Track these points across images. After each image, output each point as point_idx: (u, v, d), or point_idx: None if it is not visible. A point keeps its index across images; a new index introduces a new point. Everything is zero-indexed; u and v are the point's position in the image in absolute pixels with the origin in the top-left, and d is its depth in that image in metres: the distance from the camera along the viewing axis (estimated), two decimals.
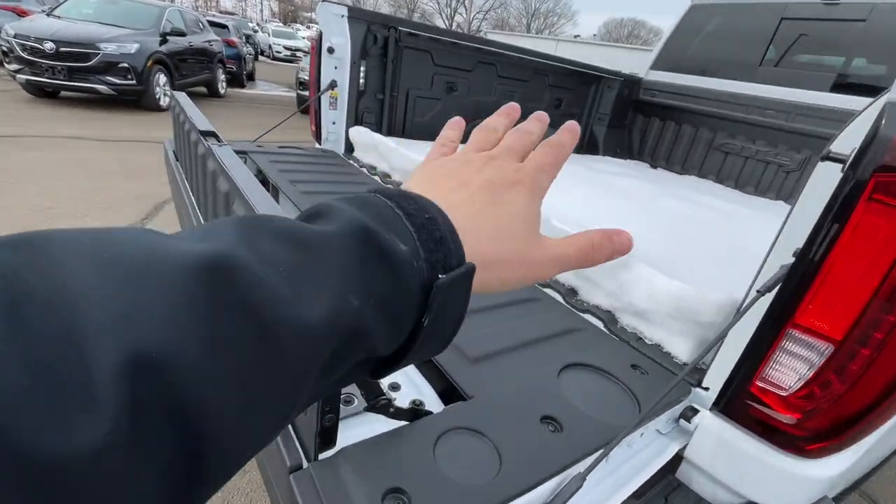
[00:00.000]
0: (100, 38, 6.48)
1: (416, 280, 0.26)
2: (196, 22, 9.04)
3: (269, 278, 0.21)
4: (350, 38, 2.15)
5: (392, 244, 0.26)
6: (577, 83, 3.13)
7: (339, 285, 0.23)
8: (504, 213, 0.32)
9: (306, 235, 0.24)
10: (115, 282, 0.17)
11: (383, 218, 0.27)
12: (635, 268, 1.10)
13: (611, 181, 2.35)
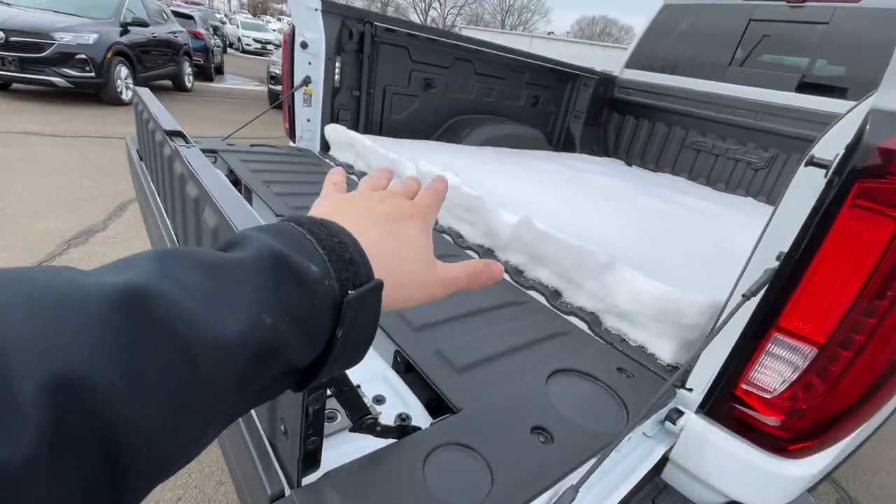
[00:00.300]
0: (54, 27, 6.12)
1: (329, 297, 0.30)
2: (159, 12, 8.65)
3: (183, 302, 0.23)
4: (324, 33, 2.08)
5: (304, 266, 0.29)
6: (553, 81, 3.14)
7: (253, 306, 0.26)
8: (404, 240, 0.38)
9: (222, 262, 0.27)
10: (35, 313, 0.19)
11: (295, 243, 0.30)
12: (618, 269, 1.11)
13: (588, 179, 2.37)
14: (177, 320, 0.22)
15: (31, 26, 5.99)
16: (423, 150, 2.19)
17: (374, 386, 0.81)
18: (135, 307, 0.21)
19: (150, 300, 0.21)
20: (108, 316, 0.20)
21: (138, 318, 0.21)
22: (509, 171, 2.12)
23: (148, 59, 7.70)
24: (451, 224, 1.55)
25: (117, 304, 0.20)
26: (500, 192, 1.75)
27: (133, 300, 0.21)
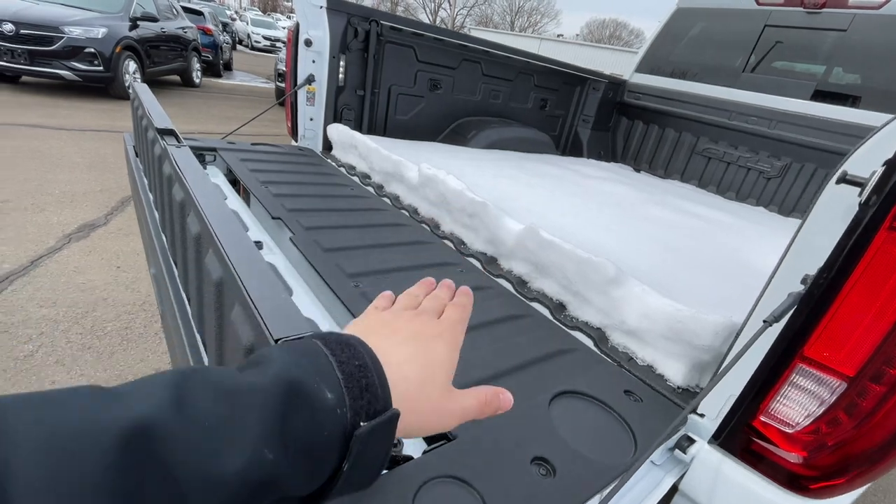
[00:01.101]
0: (64, 20, 6.13)
1: (339, 427, 0.29)
2: (169, 7, 8.67)
3: (188, 438, 0.24)
4: (329, 31, 2.04)
5: (319, 393, 0.29)
6: (562, 84, 3.08)
7: (257, 440, 0.26)
8: (429, 362, 0.38)
9: (236, 388, 0.27)
10: (48, 450, 0.20)
11: (316, 367, 0.31)
12: (627, 284, 1.05)
13: (596, 186, 2.31)
14: (176, 460, 0.23)
15: (42, 19, 6.00)
16: (427, 152, 2.14)
17: None
18: (138, 449, 0.22)
19: (153, 440, 0.23)
20: (114, 458, 0.21)
21: (140, 459, 0.22)
22: (514, 176, 2.07)
23: (156, 53, 7.71)
24: (454, 230, 1.50)
25: (123, 446, 0.21)
26: (504, 197, 1.70)
27: (137, 441, 0.22)
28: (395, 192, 1.77)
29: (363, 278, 1.08)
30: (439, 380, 0.38)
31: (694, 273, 1.38)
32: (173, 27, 8.35)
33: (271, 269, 0.52)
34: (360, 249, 1.24)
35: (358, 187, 1.79)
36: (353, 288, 1.03)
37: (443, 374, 0.38)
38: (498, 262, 1.37)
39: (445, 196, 1.49)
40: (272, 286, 0.49)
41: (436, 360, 0.38)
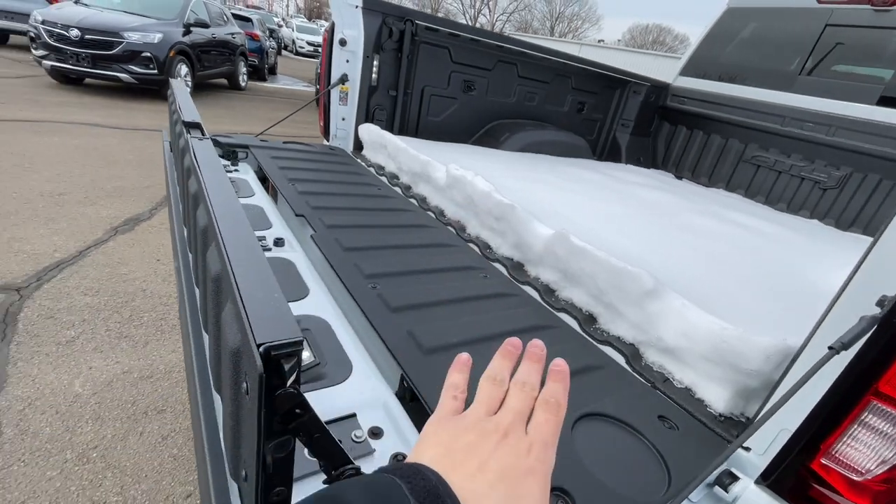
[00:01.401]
0: (124, 26, 6.52)
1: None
2: (220, 14, 9.07)
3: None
4: (363, 31, 2.04)
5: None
6: (601, 87, 2.97)
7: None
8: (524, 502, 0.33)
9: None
10: None
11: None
12: (666, 297, 0.96)
13: (634, 192, 2.20)
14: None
15: (104, 25, 6.41)
16: (458, 154, 2.10)
17: (372, 415, 0.71)
18: None
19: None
20: None
21: None
22: (547, 180, 1.99)
23: (207, 58, 8.07)
24: (480, 233, 1.45)
25: None
26: (535, 201, 1.63)
27: None
28: (422, 193, 1.73)
29: (381, 279, 1.05)
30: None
31: (741, 289, 1.26)
32: (223, 33, 8.72)
33: (270, 268, 0.48)
34: (381, 250, 1.21)
35: (385, 187, 1.77)
36: (369, 289, 1.00)
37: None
38: (525, 269, 1.30)
39: (472, 198, 1.44)
40: (267, 286, 0.45)
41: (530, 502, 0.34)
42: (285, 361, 0.37)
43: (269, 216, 1.35)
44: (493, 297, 1.10)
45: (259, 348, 0.36)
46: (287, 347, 0.38)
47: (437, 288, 1.07)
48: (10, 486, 1.42)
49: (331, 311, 0.96)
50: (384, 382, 0.80)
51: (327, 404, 0.71)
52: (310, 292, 1.01)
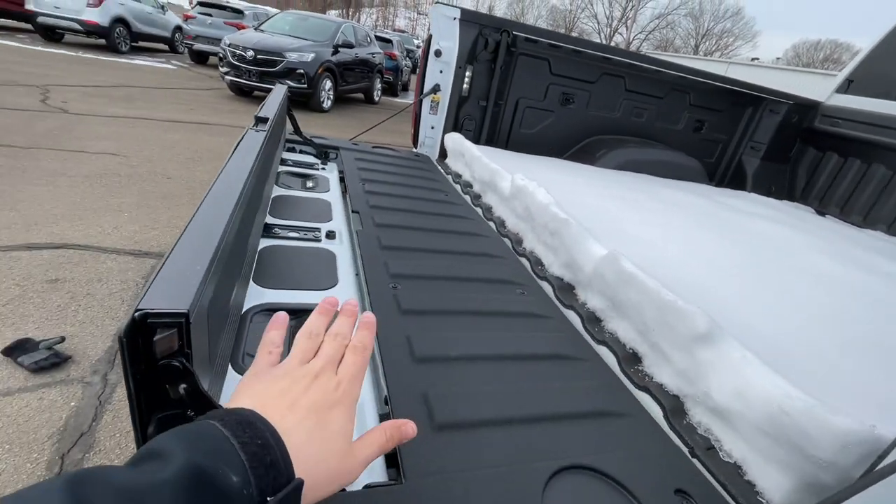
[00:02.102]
0: (286, 48, 7.65)
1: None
2: (366, 36, 10.13)
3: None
4: (459, 41, 2.08)
5: (224, 479, 0.29)
6: (727, 104, 2.59)
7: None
8: (328, 435, 0.38)
9: (138, 489, 0.26)
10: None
11: (218, 452, 0.30)
12: (722, 344, 0.78)
13: (746, 224, 1.85)
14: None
15: (272, 47, 7.59)
16: (540, 166, 2.00)
17: None
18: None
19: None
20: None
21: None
22: (635, 199, 1.78)
23: (348, 74, 9.05)
24: (535, 248, 1.35)
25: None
26: (608, 220, 1.47)
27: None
28: (489, 202, 1.68)
29: (404, 280, 1.03)
30: (338, 449, 0.38)
31: (848, 352, 0.97)
32: (364, 53, 9.70)
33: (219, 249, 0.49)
34: (419, 252, 1.19)
35: (454, 194, 1.76)
36: (389, 288, 0.99)
37: (342, 443, 0.39)
38: (574, 291, 1.17)
39: (531, 209, 1.35)
40: (198, 259, 0.46)
41: (335, 431, 0.39)
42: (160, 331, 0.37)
43: (332, 211, 1.43)
44: (522, 316, 1.01)
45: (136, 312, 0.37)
46: (164, 318, 0.37)
47: (461, 297, 1.01)
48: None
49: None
50: (370, 383, 0.77)
51: None
52: (338, 284, 1.04)
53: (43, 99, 5.38)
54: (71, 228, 2.85)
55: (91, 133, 4.57)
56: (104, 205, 3.22)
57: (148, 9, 11.01)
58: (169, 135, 5.11)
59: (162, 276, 0.42)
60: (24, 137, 4.07)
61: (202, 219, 0.55)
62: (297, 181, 1.63)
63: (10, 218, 2.81)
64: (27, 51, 8.33)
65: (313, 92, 7.90)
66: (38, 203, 3.04)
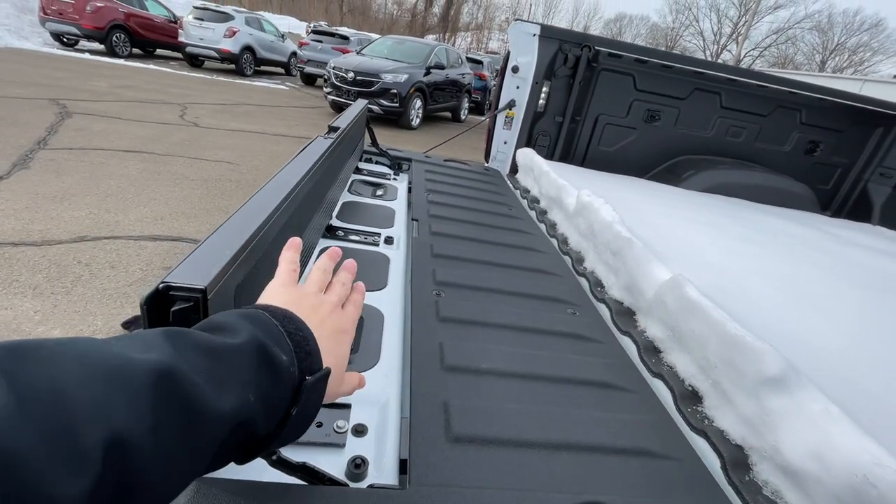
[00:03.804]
0: (382, 69, 8.19)
1: (291, 382, 0.38)
2: (457, 58, 10.49)
3: (197, 381, 0.30)
4: (537, 57, 2.06)
5: (277, 355, 0.37)
6: (848, 124, 2.25)
7: (242, 386, 0.33)
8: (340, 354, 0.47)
9: (217, 348, 0.33)
10: (93, 379, 0.25)
11: (271, 334, 0.38)
12: (799, 392, 0.66)
13: (857, 259, 1.57)
14: (193, 397, 0.29)
15: (370, 69, 8.17)
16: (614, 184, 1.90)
17: (365, 413, 0.69)
18: (167, 386, 0.27)
19: (176, 380, 0.28)
20: (149, 392, 0.26)
21: (170, 394, 0.27)
22: (718, 223, 1.61)
23: (438, 94, 9.42)
24: (596, 268, 1.27)
25: (155, 383, 0.27)
26: (680, 243, 1.34)
27: (166, 379, 0.27)
28: (553, 218, 1.63)
29: (449, 288, 1.02)
30: (341, 369, 0.47)
31: None
32: (455, 74, 10.04)
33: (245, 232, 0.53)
34: (470, 263, 1.18)
35: (519, 209, 1.73)
36: (431, 294, 0.99)
37: (343, 365, 0.48)
38: (635, 317, 1.08)
39: (594, 227, 1.28)
40: (229, 245, 0.50)
41: (342, 355, 0.48)
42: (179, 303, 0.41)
43: (395, 218, 1.49)
44: (568, 337, 0.95)
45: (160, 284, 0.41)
46: (184, 291, 0.41)
47: (504, 311, 0.98)
48: None
49: (393, 308, 0.99)
50: (398, 386, 0.78)
51: None
52: (387, 286, 1.07)
53: (181, 115, 6.32)
54: (187, 224, 3.28)
55: (214, 144, 5.25)
56: (215, 205, 3.67)
57: (270, 38, 12.49)
58: (275, 147, 5.70)
59: (192, 257, 0.46)
60: (162, 146, 4.80)
61: (245, 210, 0.60)
62: (368, 189, 1.72)
63: (143, 213, 3.31)
64: (175, 75, 9.87)
65: (404, 110, 8.32)
66: (165, 201, 3.55)
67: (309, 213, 0.96)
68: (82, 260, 2.62)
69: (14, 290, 2.26)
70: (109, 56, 10.40)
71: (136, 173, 3.97)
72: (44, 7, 9.94)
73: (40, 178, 3.54)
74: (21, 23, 10.68)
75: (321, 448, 0.61)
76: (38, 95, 5.86)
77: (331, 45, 11.84)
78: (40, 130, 4.56)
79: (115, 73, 8.66)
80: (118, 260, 2.69)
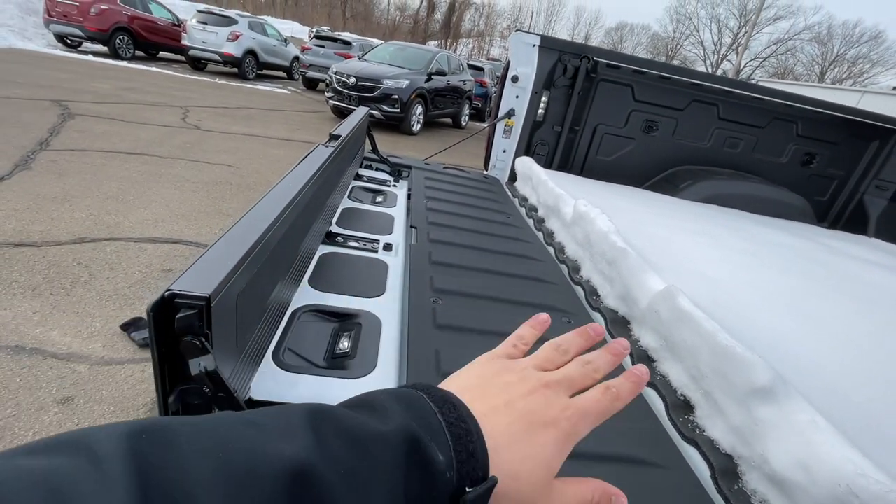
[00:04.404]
0: (384, 75, 8.24)
1: (447, 489, 0.28)
2: (459, 65, 10.56)
3: (335, 483, 0.24)
4: (536, 67, 2.09)
5: (433, 454, 0.28)
6: (844, 136, 2.28)
7: (387, 490, 0.26)
8: (532, 454, 0.32)
9: (364, 436, 0.27)
10: (226, 483, 0.21)
11: (427, 424, 0.30)
12: (787, 402, 0.67)
13: (852, 271, 1.59)
14: (329, 502, 0.24)
15: (371, 75, 8.23)
16: (609, 193, 1.92)
17: None
18: (302, 491, 0.23)
19: (313, 483, 0.24)
20: (282, 498, 0.22)
21: (302, 499, 0.23)
22: (713, 234, 1.63)
23: (439, 101, 9.47)
24: (592, 277, 1.29)
25: (289, 487, 0.23)
26: (675, 253, 1.36)
27: (301, 483, 0.23)
28: (551, 227, 1.64)
29: (446, 296, 1.04)
30: (538, 477, 0.32)
31: None
32: (456, 80, 10.10)
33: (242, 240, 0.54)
34: (468, 270, 1.20)
35: (517, 217, 1.75)
36: (429, 301, 1.00)
37: (544, 472, 0.32)
38: (629, 326, 1.09)
39: (590, 237, 1.30)
40: (232, 253, 0.52)
41: (541, 455, 0.32)
42: (184, 310, 0.42)
43: (395, 225, 1.50)
44: None
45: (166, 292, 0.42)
46: (188, 299, 0.42)
47: (500, 318, 1.00)
48: None
49: (390, 314, 1.00)
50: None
51: (332, 393, 0.75)
52: (384, 293, 1.08)
53: (183, 117, 6.35)
54: (187, 227, 3.29)
55: (215, 147, 5.28)
56: (215, 208, 3.68)
57: (273, 42, 12.57)
58: (276, 150, 5.73)
59: (197, 265, 0.48)
60: (163, 148, 4.83)
61: (249, 219, 0.61)
62: (368, 195, 1.74)
63: (144, 215, 3.32)
64: (178, 77, 9.92)
65: (405, 116, 8.36)
66: (165, 203, 3.57)
67: (310, 220, 0.98)
68: (82, 261, 2.63)
69: (14, 291, 2.27)
70: (112, 58, 10.45)
71: (137, 175, 3.99)
72: (48, 9, 10.00)
73: (42, 178, 3.56)
74: (25, 24, 10.75)
75: None
76: (40, 96, 5.89)
77: (333, 50, 11.92)
78: (42, 131, 4.58)
79: (118, 75, 8.70)
80: (118, 262, 2.70)
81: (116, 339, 2.13)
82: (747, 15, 37.22)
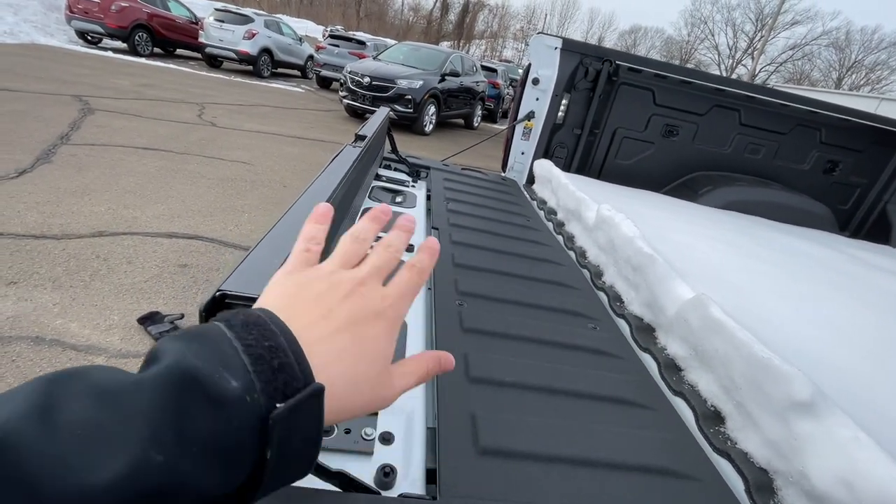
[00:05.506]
0: (398, 75, 8.26)
1: (252, 415, 0.26)
2: (472, 66, 10.56)
3: (47, 450, 0.21)
4: (558, 70, 2.08)
5: (220, 383, 0.26)
6: (867, 143, 2.24)
7: (142, 443, 0.23)
8: (364, 354, 0.33)
9: (119, 388, 0.24)
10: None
11: (217, 354, 0.27)
12: (828, 418, 0.66)
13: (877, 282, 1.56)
14: (32, 474, 0.20)
15: (386, 75, 8.25)
16: (630, 198, 1.90)
17: (393, 421, 0.70)
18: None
19: (8, 450, 0.20)
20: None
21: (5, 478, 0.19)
22: (735, 242, 1.60)
23: (452, 101, 9.48)
24: (615, 283, 1.27)
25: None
26: (699, 261, 1.34)
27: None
28: (571, 231, 1.63)
29: (471, 299, 1.03)
30: (373, 372, 0.33)
31: None
32: (469, 81, 10.10)
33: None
34: (491, 273, 1.19)
35: (536, 220, 1.74)
36: (455, 305, 1.00)
37: (378, 364, 0.33)
38: (654, 334, 1.08)
39: (614, 242, 1.28)
40: (278, 253, 0.52)
41: (372, 350, 0.33)
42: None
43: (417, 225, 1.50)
44: (591, 352, 0.95)
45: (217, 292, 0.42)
46: (240, 300, 0.42)
47: (527, 323, 0.99)
48: None
49: (415, 316, 1.00)
50: (423, 395, 0.78)
51: None
52: None
53: (199, 114, 6.41)
54: (203, 223, 3.32)
55: (230, 144, 5.33)
56: (230, 205, 3.71)
57: (288, 41, 12.66)
58: (290, 148, 5.76)
59: (244, 265, 0.48)
60: (179, 144, 4.88)
61: (289, 219, 0.61)
62: (387, 196, 1.74)
63: (160, 210, 3.36)
64: (194, 75, 10.04)
65: (418, 116, 8.38)
66: (181, 199, 3.60)
67: (339, 219, 0.98)
68: (100, 254, 2.67)
69: (35, 282, 2.31)
70: (131, 55, 10.60)
71: (154, 171, 4.03)
72: (70, 5, 10.17)
73: (62, 172, 3.62)
74: (48, 20, 10.94)
75: (350, 455, 0.62)
76: (61, 91, 5.99)
77: (347, 49, 11.97)
78: (63, 126, 4.66)
79: (137, 71, 8.82)
80: (135, 256, 2.73)
81: (133, 332, 2.15)
82: (764, 19, 36.79)
